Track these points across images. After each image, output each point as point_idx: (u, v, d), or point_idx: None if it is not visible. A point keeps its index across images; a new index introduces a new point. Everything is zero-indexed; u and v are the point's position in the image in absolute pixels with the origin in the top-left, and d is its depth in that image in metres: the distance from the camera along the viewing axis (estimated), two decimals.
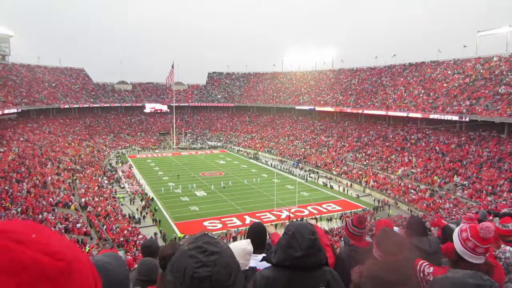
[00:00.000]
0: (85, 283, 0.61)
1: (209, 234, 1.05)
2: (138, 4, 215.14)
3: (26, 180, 33.71)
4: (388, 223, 4.23)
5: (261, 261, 2.79)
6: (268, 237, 3.69)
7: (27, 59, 71.94)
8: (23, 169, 36.23)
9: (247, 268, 2.56)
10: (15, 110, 52.87)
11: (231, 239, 28.39)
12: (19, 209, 26.18)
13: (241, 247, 2.55)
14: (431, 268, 2.45)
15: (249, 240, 2.69)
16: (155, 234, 30.66)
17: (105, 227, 29.50)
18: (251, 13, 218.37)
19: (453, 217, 25.20)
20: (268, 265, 2.15)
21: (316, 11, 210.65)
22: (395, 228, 4.84)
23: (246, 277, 2.42)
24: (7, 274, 0.49)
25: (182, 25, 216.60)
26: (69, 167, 45.62)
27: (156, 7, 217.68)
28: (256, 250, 2.68)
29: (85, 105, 74.97)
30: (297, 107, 76.28)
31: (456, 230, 2.43)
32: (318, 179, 49.96)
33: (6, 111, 49.12)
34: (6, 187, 29.68)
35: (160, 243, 20.09)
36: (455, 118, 45.10)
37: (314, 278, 1.83)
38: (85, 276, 0.61)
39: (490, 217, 6.38)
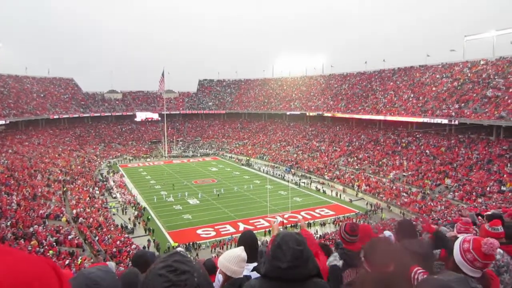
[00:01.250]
0: None
1: (181, 252, 1.02)
2: (126, 13, 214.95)
3: (15, 193, 33.17)
4: (367, 227, 4.23)
5: (252, 270, 2.78)
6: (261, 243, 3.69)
7: (14, 69, 71.33)
8: (12, 182, 35.68)
9: (241, 276, 2.55)
10: (3, 122, 52.25)
11: (225, 247, 28.23)
12: (8, 223, 25.70)
13: (235, 254, 2.56)
14: (425, 276, 2.43)
15: (242, 247, 2.69)
16: (148, 241, 30.50)
17: (97, 238, 29.12)
18: (241, 20, 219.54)
19: (445, 220, 25.40)
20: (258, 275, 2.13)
21: (306, 18, 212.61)
22: (387, 233, 4.87)
23: (240, 285, 2.41)
24: None
25: (171, 33, 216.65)
26: (60, 178, 45.09)
27: (145, 17, 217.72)
28: (248, 259, 2.68)
29: (75, 115, 74.39)
30: (288, 113, 76.55)
31: (459, 240, 2.36)
32: (310, 184, 50.05)
33: None
34: None
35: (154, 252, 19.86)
36: (445, 121, 45.61)
37: None
38: None
39: (480, 219, 6.43)
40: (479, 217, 6.70)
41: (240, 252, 2.58)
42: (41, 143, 58.38)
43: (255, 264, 2.79)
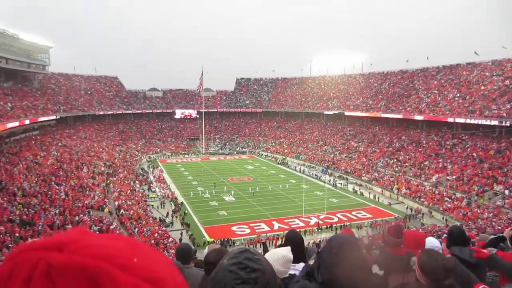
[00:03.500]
0: None
1: (251, 249, 1.02)
2: (168, 14, 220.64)
3: (63, 183, 35.09)
4: (419, 235, 4.05)
5: (301, 273, 2.71)
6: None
7: (64, 68, 75.22)
8: (61, 173, 37.72)
9: (287, 275, 2.51)
10: (54, 117, 55.33)
11: (261, 245, 28.32)
12: (57, 211, 27.25)
13: (282, 254, 2.52)
14: None
15: (289, 248, 2.63)
16: (181, 233, 31.72)
17: (136, 229, 30.18)
18: (278, 19, 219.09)
19: (492, 227, 24.09)
20: None
21: (344, 15, 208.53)
22: (433, 239, 4.62)
23: (285, 284, 2.36)
24: None
25: (209, 32, 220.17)
26: (103, 171, 47.13)
27: (184, 17, 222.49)
28: (294, 260, 2.63)
29: (118, 112, 77.37)
30: (325, 112, 75.47)
31: None
32: (347, 185, 49.10)
33: (46, 118, 51.48)
34: (46, 190, 31.02)
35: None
36: (494, 122, 43.15)
37: None
38: None
39: None
40: None
41: (286, 252, 2.53)
42: (87, 138, 61.26)
43: (301, 264, 2.73)
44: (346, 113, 70.11)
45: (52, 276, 0.49)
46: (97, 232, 25.30)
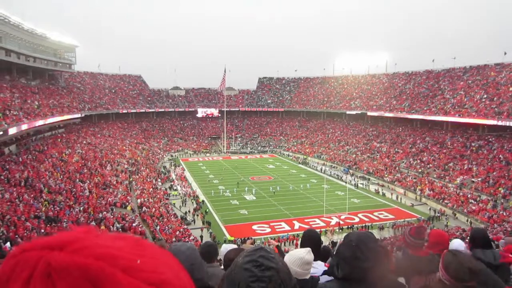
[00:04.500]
0: None
1: (266, 248, 1.04)
2: (190, 15, 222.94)
3: (88, 181, 36.00)
4: (444, 234, 4.00)
5: (321, 275, 2.74)
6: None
7: (90, 67, 77.11)
8: (85, 171, 38.72)
9: (307, 277, 2.52)
10: (79, 115, 56.65)
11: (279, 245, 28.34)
12: (81, 208, 27.99)
13: (299, 256, 2.52)
14: None
15: (309, 249, 2.64)
16: (201, 229, 32.20)
17: (158, 227, 30.71)
18: (301, 17, 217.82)
19: None
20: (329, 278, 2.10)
21: (368, 14, 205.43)
22: (458, 241, 4.58)
23: (304, 286, 2.38)
24: None
25: (232, 31, 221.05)
26: (126, 168, 48.09)
27: (207, 17, 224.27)
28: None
29: (141, 110, 78.74)
30: (348, 112, 74.62)
31: None
32: (369, 186, 48.46)
33: (71, 116, 52.80)
34: (70, 187, 31.90)
35: None
36: None
37: None
38: None
39: None
40: None
41: (304, 254, 2.54)
42: (111, 136, 62.66)
43: (319, 263, 2.77)
44: (369, 113, 69.14)
45: (52, 277, 0.48)
46: (120, 230, 25.91)
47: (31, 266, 0.49)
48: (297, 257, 2.52)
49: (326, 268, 2.99)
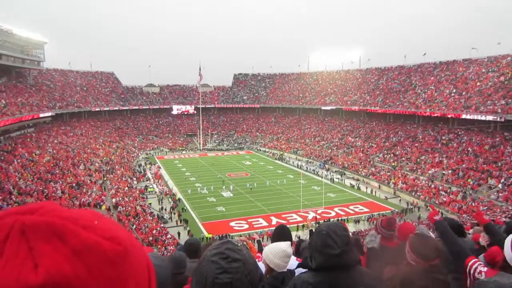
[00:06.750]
0: (140, 266, 0.68)
1: (232, 241, 1.06)
2: (163, 10, 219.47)
3: (60, 181, 35.00)
4: (412, 225, 4.13)
5: (296, 268, 2.80)
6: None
7: (60, 64, 74.73)
8: (57, 171, 37.61)
9: (285, 270, 2.57)
10: (49, 114, 54.88)
11: (255, 242, 28.44)
12: None
13: (281, 248, 2.58)
14: (485, 268, 2.38)
15: (289, 242, 2.72)
16: (178, 233, 31.45)
17: (134, 226, 30.25)
18: (276, 14, 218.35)
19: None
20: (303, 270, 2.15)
21: (343, 11, 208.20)
22: (422, 227, 4.72)
23: (283, 278, 2.45)
24: (77, 255, 0.58)
25: (207, 27, 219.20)
26: (100, 168, 47.03)
27: (182, 13, 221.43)
28: None
29: (115, 108, 77.06)
30: (323, 108, 75.56)
31: (510, 237, 2.28)
32: (344, 180, 49.32)
33: (41, 115, 51.12)
34: (42, 188, 30.93)
35: None
36: (490, 118, 43.42)
37: (353, 279, 1.80)
38: (140, 260, 0.69)
39: None
40: None
41: (286, 247, 2.59)
42: (83, 134, 61.01)
43: (292, 257, 2.82)
44: (344, 109, 70.26)
45: (25, 233, 0.59)
46: None
47: (8, 227, 0.60)
48: (279, 249, 2.57)
49: (298, 262, 3.05)
